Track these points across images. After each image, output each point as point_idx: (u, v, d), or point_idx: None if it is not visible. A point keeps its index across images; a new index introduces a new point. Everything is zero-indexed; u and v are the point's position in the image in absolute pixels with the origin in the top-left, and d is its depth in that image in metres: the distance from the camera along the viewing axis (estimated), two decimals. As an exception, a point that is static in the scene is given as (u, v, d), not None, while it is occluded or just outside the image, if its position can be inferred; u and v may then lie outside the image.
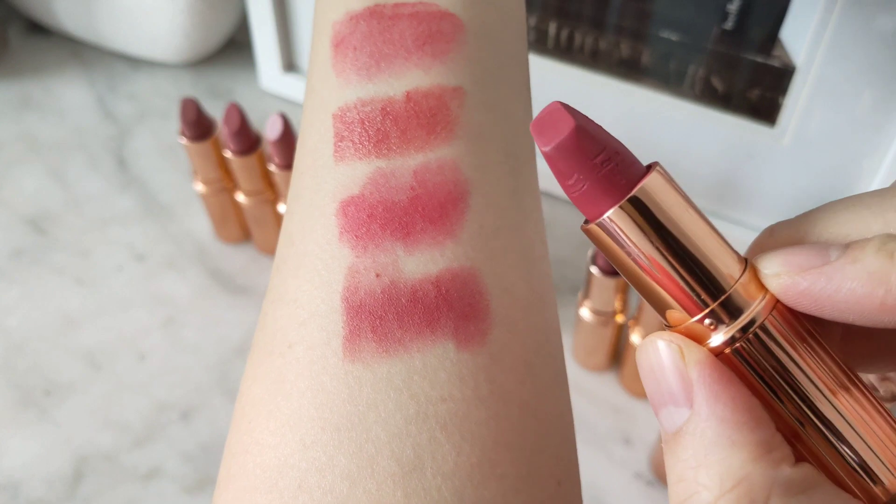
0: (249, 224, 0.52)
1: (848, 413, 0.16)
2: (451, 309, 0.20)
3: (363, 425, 0.19)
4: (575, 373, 0.47)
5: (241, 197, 0.50)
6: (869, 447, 0.16)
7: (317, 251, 0.21)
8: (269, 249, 0.53)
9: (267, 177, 0.49)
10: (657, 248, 0.16)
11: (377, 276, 0.20)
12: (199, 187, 0.50)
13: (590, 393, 0.46)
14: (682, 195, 0.16)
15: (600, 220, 0.16)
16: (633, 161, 0.16)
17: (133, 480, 0.43)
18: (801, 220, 0.18)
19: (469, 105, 0.22)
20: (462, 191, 0.21)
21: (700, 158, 0.50)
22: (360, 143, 0.21)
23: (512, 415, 0.20)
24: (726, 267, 0.16)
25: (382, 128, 0.21)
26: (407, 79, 0.22)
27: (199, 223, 0.55)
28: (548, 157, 0.16)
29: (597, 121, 0.16)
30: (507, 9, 0.24)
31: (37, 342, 0.48)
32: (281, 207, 0.50)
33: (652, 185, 0.16)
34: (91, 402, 0.46)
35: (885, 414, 0.17)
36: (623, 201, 0.16)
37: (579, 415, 0.45)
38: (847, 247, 0.16)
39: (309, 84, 0.24)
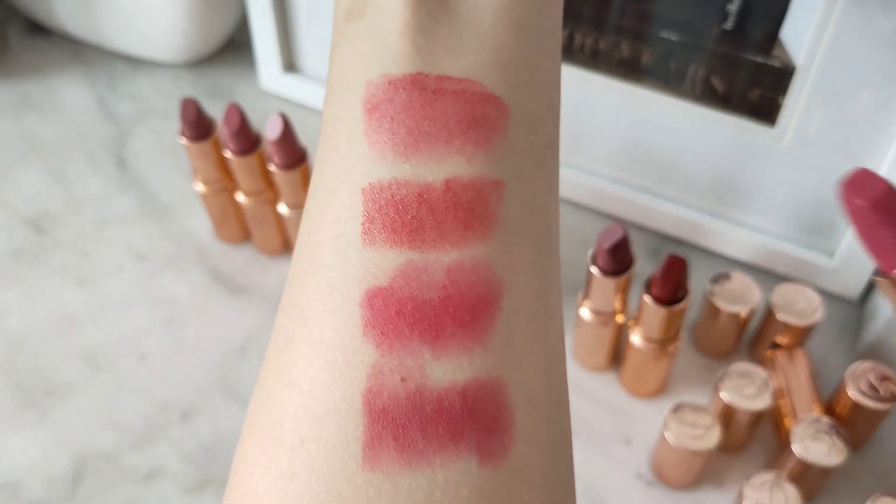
0: (249, 224, 0.52)
1: None
2: (475, 421, 0.19)
3: None
4: (575, 373, 0.47)
5: (241, 197, 0.50)
6: None
7: (336, 341, 0.20)
8: (269, 249, 0.53)
9: (267, 177, 0.49)
10: None
11: (402, 379, 0.19)
12: (199, 187, 0.50)
13: (590, 393, 0.46)
14: None
15: None
16: None
17: (133, 481, 0.43)
18: None
19: (508, 200, 0.21)
20: (495, 294, 0.20)
21: (700, 158, 0.50)
22: (393, 230, 0.20)
23: None
24: None
25: (418, 216, 0.20)
26: (448, 165, 0.20)
27: (199, 223, 0.55)
28: (860, 210, 0.17)
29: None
30: (551, 86, 0.23)
31: (37, 342, 0.48)
32: (281, 207, 0.50)
33: None
34: (91, 402, 0.46)
35: None
36: None
37: (579, 415, 0.45)
38: None
39: (328, 138, 0.22)
